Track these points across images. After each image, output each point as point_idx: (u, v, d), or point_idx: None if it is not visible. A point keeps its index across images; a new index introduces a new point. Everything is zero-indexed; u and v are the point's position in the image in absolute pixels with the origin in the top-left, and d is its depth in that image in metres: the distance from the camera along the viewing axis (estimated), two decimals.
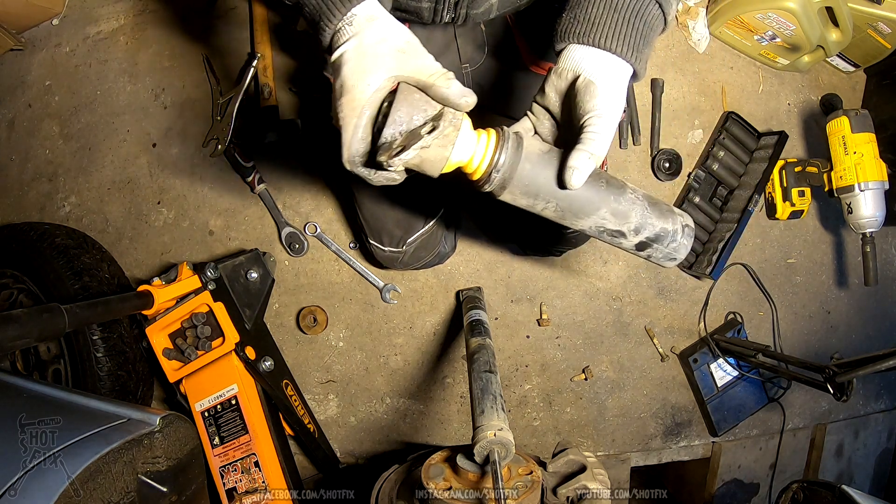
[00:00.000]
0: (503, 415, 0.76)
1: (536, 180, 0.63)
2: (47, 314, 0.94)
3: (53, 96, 1.71)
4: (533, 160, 0.63)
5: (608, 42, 0.62)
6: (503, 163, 0.62)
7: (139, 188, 1.66)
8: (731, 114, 1.62)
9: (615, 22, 0.62)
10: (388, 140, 0.58)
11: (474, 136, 0.63)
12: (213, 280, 1.27)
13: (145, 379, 1.47)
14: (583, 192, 0.63)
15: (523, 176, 0.62)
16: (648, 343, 1.69)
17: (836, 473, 1.87)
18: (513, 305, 1.65)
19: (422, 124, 0.59)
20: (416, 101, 0.59)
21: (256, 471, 1.27)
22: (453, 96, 0.59)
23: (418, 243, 1.24)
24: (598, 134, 0.61)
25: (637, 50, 0.64)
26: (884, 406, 1.94)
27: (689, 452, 1.74)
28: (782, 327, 1.73)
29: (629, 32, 0.63)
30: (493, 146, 0.62)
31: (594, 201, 0.64)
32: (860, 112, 1.46)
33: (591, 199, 0.64)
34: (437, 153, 0.60)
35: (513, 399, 1.67)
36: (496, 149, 0.62)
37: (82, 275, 1.37)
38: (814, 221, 1.76)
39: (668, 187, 1.65)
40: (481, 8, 0.84)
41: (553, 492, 0.83)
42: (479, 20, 0.90)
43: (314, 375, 1.66)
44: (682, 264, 1.64)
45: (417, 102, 0.59)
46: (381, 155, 0.58)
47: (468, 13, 0.85)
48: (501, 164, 0.62)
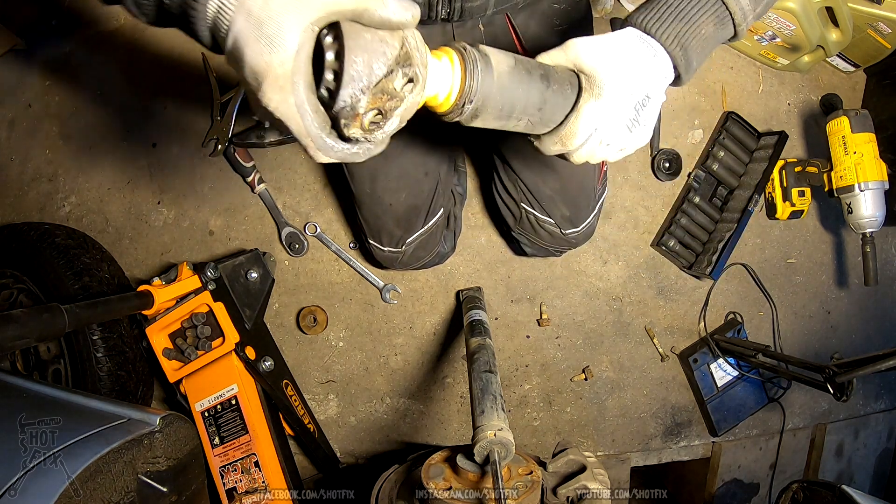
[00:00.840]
0: (503, 415, 0.76)
1: (511, 102, 0.57)
2: (47, 314, 0.94)
3: (53, 96, 1.71)
4: (505, 81, 0.55)
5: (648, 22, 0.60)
6: (475, 91, 0.53)
7: (139, 188, 1.66)
8: (731, 114, 1.62)
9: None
10: (348, 104, 0.45)
11: (437, 64, 0.53)
12: (213, 280, 1.27)
13: (145, 379, 1.47)
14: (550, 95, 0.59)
15: (496, 100, 0.55)
16: (648, 343, 1.69)
17: (836, 473, 1.87)
18: (513, 305, 1.65)
19: (386, 72, 0.46)
20: (371, 43, 0.45)
21: (256, 471, 1.27)
22: (396, 15, 0.46)
23: (418, 243, 1.24)
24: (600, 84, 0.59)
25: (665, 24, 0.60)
26: (884, 406, 1.94)
27: (689, 452, 1.74)
28: (782, 327, 1.73)
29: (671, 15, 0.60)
30: (461, 73, 0.53)
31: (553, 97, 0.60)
32: (860, 112, 1.46)
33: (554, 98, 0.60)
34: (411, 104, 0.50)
35: (513, 399, 1.67)
36: (464, 76, 0.53)
37: (82, 275, 1.37)
38: (814, 221, 1.76)
39: (668, 187, 1.65)
40: (478, 2, 0.85)
41: (553, 492, 0.83)
42: (476, 14, 0.90)
43: (314, 375, 1.66)
44: (682, 264, 1.64)
45: (372, 44, 0.45)
46: (352, 127, 0.47)
47: (463, 6, 0.85)
48: (474, 94, 0.53)
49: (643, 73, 0.60)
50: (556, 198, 1.14)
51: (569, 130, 0.61)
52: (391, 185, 1.11)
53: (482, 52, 0.55)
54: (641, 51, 0.60)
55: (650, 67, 0.60)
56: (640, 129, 0.62)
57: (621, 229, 1.65)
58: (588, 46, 0.60)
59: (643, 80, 0.60)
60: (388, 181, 1.10)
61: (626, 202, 1.65)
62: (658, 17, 0.60)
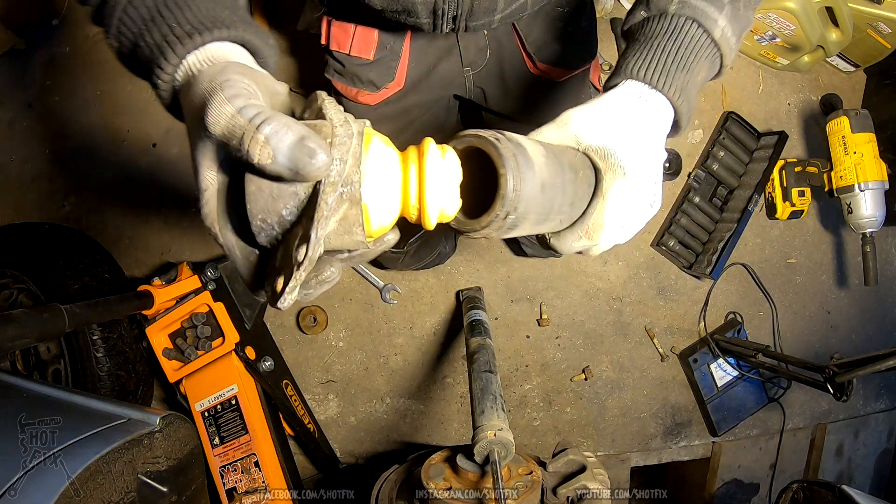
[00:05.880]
0: (503, 415, 0.76)
1: (551, 201, 0.44)
2: (47, 314, 0.94)
3: (53, 96, 1.70)
4: (546, 177, 0.43)
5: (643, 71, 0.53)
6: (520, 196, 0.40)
7: (139, 188, 1.66)
8: (731, 114, 1.62)
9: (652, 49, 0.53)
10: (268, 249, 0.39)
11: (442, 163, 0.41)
12: (213, 280, 1.27)
13: (145, 379, 1.47)
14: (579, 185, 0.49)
15: (538, 203, 0.42)
16: (648, 343, 1.69)
17: (836, 473, 1.87)
18: (513, 305, 1.64)
19: (294, 223, 0.37)
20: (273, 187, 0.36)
21: (256, 471, 1.27)
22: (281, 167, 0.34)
23: (419, 243, 1.25)
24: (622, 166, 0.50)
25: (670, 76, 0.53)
26: (884, 406, 1.94)
27: (689, 452, 1.74)
28: (782, 327, 1.73)
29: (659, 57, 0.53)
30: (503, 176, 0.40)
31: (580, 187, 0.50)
32: (860, 112, 1.46)
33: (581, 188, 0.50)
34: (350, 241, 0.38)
35: (513, 399, 1.67)
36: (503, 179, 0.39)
37: (82, 275, 1.36)
38: (814, 221, 1.76)
39: (668, 187, 1.65)
40: (481, 20, 0.84)
41: (553, 492, 0.83)
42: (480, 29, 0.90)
43: (314, 375, 1.66)
44: (682, 264, 1.64)
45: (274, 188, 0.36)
46: (266, 286, 0.39)
47: (468, 25, 0.85)
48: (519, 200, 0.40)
49: (656, 140, 0.53)
50: None
51: (596, 222, 0.51)
52: None
53: (515, 142, 0.41)
54: (646, 112, 0.53)
55: (659, 130, 0.53)
56: (657, 201, 0.54)
57: None
58: (591, 120, 0.52)
59: (658, 144, 0.53)
60: None
61: None
62: (662, 69, 0.53)
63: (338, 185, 0.36)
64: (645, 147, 0.52)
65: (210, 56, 0.41)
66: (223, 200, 0.38)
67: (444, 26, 0.83)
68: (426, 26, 0.83)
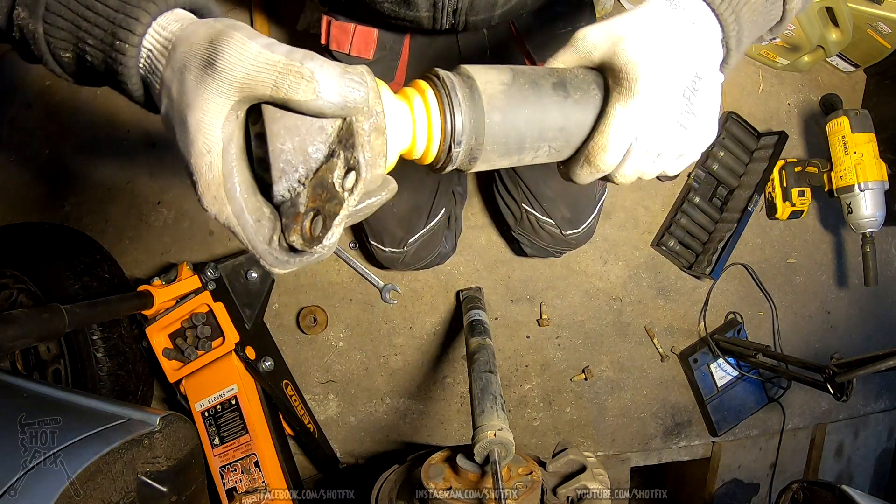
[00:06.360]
0: (503, 415, 0.76)
1: (519, 130, 0.44)
2: (47, 314, 0.93)
3: (53, 96, 1.70)
4: (501, 105, 0.43)
5: None
6: (461, 128, 0.42)
7: (139, 188, 1.66)
8: (731, 114, 1.62)
9: None
10: (285, 199, 0.37)
11: (404, 108, 0.42)
12: (213, 280, 1.27)
13: (145, 379, 1.47)
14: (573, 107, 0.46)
15: (496, 133, 0.43)
16: (648, 343, 1.69)
17: (836, 473, 1.87)
18: (513, 305, 1.65)
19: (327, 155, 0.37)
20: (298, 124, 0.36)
21: (256, 471, 1.27)
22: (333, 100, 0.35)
23: (419, 244, 1.24)
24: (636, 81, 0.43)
25: None
26: (884, 406, 1.94)
27: (689, 452, 1.74)
28: (782, 327, 1.73)
29: None
30: (438, 111, 0.42)
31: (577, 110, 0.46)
32: (860, 112, 1.46)
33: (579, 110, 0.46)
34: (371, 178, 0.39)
35: (513, 399, 1.67)
36: (443, 113, 0.42)
37: (82, 275, 1.36)
38: (814, 221, 1.76)
39: (668, 187, 1.65)
40: (481, 16, 0.84)
41: (553, 492, 0.83)
42: (481, 27, 0.90)
43: (314, 375, 1.66)
44: (682, 264, 1.64)
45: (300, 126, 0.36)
46: (292, 232, 0.37)
47: (468, 20, 0.84)
48: (460, 133, 0.42)
49: (684, 47, 0.44)
50: (557, 199, 1.14)
51: (596, 146, 0.46)
52: None
53: (463, 74, 0.43)
54: (676, 21, 0.44)
55: (692, 38, 0.44)
56: (698, 122, 0.45)
57: (621, 229, 1.65)
58: (602, 32, 0.45)
59: (686, 56, 0.44)
60: None
61: (626, 202, 1.65)
62: None
63: (370, 114, 0.37)
64: (665, 56, 0.43)
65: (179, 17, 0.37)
66: (229, 161, 0.36)
67: (444, 20, 0.83)
68: (426, 21, 0.83)
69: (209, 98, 0.34)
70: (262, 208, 0.38)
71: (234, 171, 0.36)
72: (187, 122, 0.35)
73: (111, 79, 0.39)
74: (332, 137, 0.37)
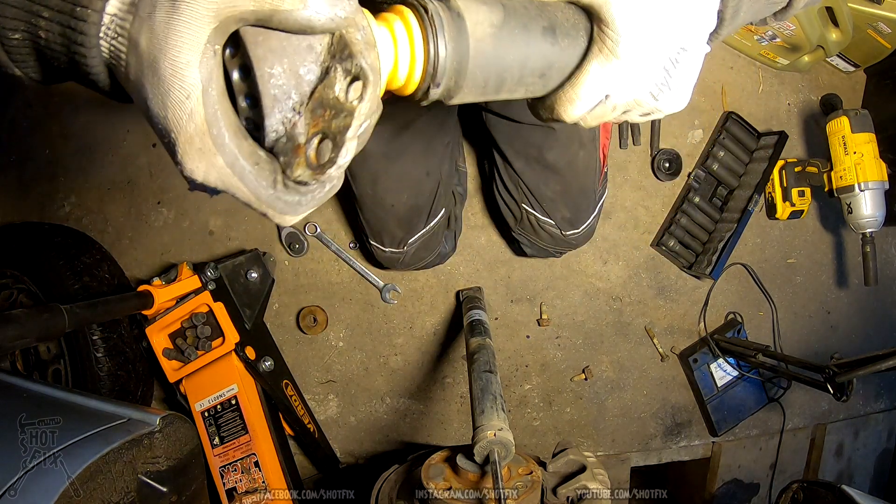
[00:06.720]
0: (503, 415, 0.76)
1: (500, 73, 0.43)
2: (47, 314, 0.94)
3: (53, 96, 1.70)
4: (488, 48, 0.41)
5: None
6: (444, 62, 0.40)
7: (139, 188, 1.66)
8: (731, 114, 1.62)
9: None
10: (281, 134, 0.34)
11: (387, 35, 0.39)
12: (213, 280, 1.27)
13: (145, 379, 1.47)
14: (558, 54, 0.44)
15: (477, 75, 0.42)
16: (648, 343, 1.69)
17: (836, 473, 1.87)
18: (513, 305, 1.65)
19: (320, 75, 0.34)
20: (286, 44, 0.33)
21: (256, 471, 1.27)
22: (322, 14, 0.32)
23: (419, 244, 1.24)
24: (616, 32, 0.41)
25: None
26: (884, 406, 1.94)
27: (689, 452, 1.74)
28: (782, 327, 1.73)
29: None
30: (422, 40, 0.40)
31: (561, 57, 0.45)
32: (860, 112, 1.46)
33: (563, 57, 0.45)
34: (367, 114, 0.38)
35: (513, 399, 1.67)
36: (426, 43, 0.39)
37: (82, 275, 1.36)
38: (814, 221, 1.76)
39: (668, 187, 1.65)
40: None
41: (553, 492, 0.83)
42: None
43: (314, 375, 1.66)
44: (682, 264, 1.64)
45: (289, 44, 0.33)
46: (296, 167, 0.34)
47: None
48: (441, 73, 0.40)
49: (676, 17, 0.42)
50: (557, 199, 1.14)
51: (565, 97, 0.45)
52: (393, 186, 1.11)
53: (453, 8, 0.40)
54: None
55: (686, 6, 0.42)
56: (671, 94, 0.45)
57: (621, 229, 1.65)
58: None
59: (676, 26, 0.42)
60: (389, 182, 1.10)
61: (625, 202, 1.65)
62: None
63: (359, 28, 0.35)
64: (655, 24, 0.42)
65: None
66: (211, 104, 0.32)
67: None
68: None
69: (182, 31, 0.31)
70: (257, 152, 0.34)
71: (218, 115, 0.32)
72: (160, 69, 0.31)
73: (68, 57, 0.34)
74: (323, 55, 0.34)
